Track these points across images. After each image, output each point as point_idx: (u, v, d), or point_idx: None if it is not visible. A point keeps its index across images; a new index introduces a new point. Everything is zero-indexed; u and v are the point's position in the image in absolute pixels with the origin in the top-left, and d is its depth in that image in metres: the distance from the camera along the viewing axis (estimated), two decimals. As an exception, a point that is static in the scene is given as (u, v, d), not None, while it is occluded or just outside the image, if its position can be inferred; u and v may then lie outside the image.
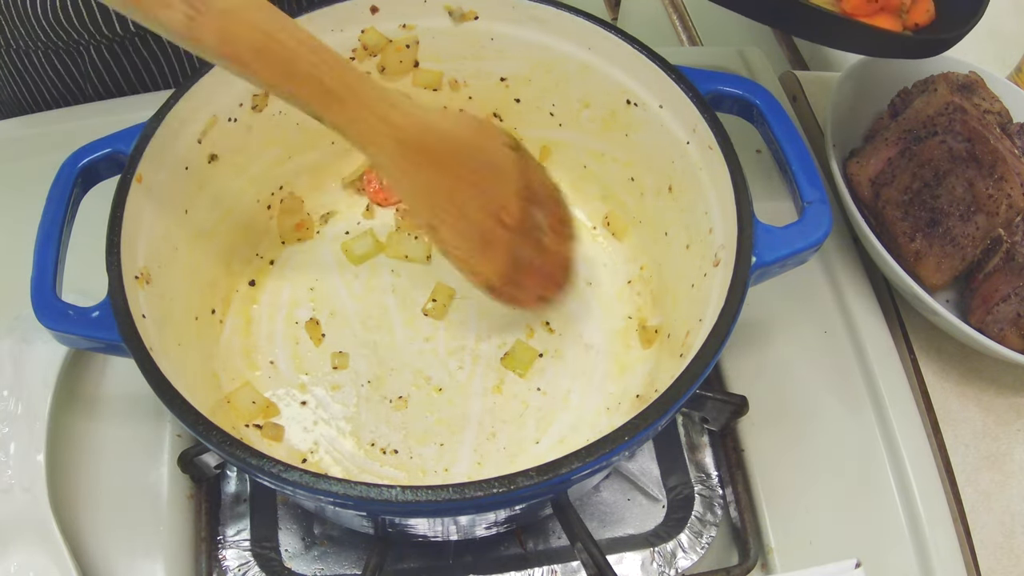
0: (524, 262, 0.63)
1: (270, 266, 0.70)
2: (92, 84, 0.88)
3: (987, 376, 0.74)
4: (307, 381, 0.65)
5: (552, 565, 0.62)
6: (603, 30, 0.64)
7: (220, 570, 0.62)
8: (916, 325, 0.75)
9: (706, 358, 0.50)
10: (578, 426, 0.64)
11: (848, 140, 0.80)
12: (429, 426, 0.63)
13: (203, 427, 0.48)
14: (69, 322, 0.53)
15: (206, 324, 0.64)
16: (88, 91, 0.89)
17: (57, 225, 0.55)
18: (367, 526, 0.62)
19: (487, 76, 0.70)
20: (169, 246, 0.60)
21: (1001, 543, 0.67)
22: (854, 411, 0.68)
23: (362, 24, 0.66)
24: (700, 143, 0.61)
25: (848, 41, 0.62)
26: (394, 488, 0.46)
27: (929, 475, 0.66)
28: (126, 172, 0.57)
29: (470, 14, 0.67)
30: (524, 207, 0.61)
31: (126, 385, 0.67)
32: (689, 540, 0.64)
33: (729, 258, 0.55)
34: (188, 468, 0.62)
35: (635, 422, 0.48)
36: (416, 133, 0.52)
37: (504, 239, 0.61)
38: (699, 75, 0.62)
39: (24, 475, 0.59)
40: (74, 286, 0.57)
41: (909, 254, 0.72)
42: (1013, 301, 0.69)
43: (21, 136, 0.82)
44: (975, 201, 0.70)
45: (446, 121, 0.56)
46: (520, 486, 0.46)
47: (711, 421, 0.68)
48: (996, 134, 0.72)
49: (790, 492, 0.65)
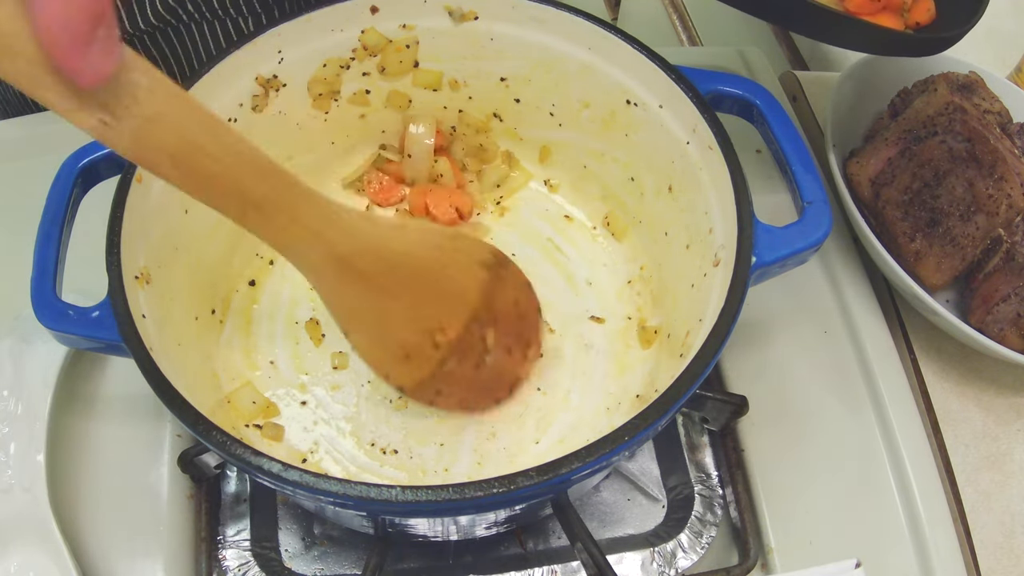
0: (453, 376, 0.60)
1: (270, 266, 0.71)
2: None
3: (987, 376, 0.74)
4: (307, 381, 0.65)
5: (552, 565, 0.62)
6: (603, 30, 0.64)
7: (220, 570, 0.62)
8: (916, 325, 0.75)
9: (706, 358, 0.50)
10: (578, 426, 0.64)
11: (848, 140, 0.80)
12: (429, 426, 0.63)
13: (203, 427, 0.48)
14: (69, 322, 0.53)
15: (206, 324, 0.64)
16: None
17: (57, 225, 0.55)
18: (367, 526, 0.62)
19: (487, 76, 0.70)
20: (169, 246, 0.60)
21: (1001, 543, 0.67)
22: (854, 411, 0.68)
23: (362, 24, 0.66)
24: (700, 143, 0.61)
25: (851, 39, 0.62)
26: (394, 488, 0.46)
27: (929, 475, 0.66)
28: (126, 172, 0.57)
29: (470, 14, 0.67)
30: (471, 328, 0.58)
31: (126, 385, 0.67)
32: (689, 540, 0.64)
33: (729, 258, 0.55)
34: (188, 468, 0.62)
35: (635, 422, 0.48)
36: (350, 253, 0.49)
37: (431, 356, 0.58)
38: (699, 75, 0.62)
39: (24, 475, 0.59)
40: (74, 286, 0.57)
41: (909, 254, 0.72)
42: (1013, 301, 0.69)
43: (21, 136, 0.82)
44: (975, 201, 0.70)
45: (400, 241, 0.53)
46: (520, 486, 0.46)
47: (711, 421, 0.68)
48: (996, 134, 0.72)
49: (790, 492, 0.65)
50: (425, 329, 0.57)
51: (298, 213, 0.46)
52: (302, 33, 0.65)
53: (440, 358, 0.58)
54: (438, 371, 0.59)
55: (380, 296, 0.54)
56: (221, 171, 0.42)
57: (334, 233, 0.48)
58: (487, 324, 0.60)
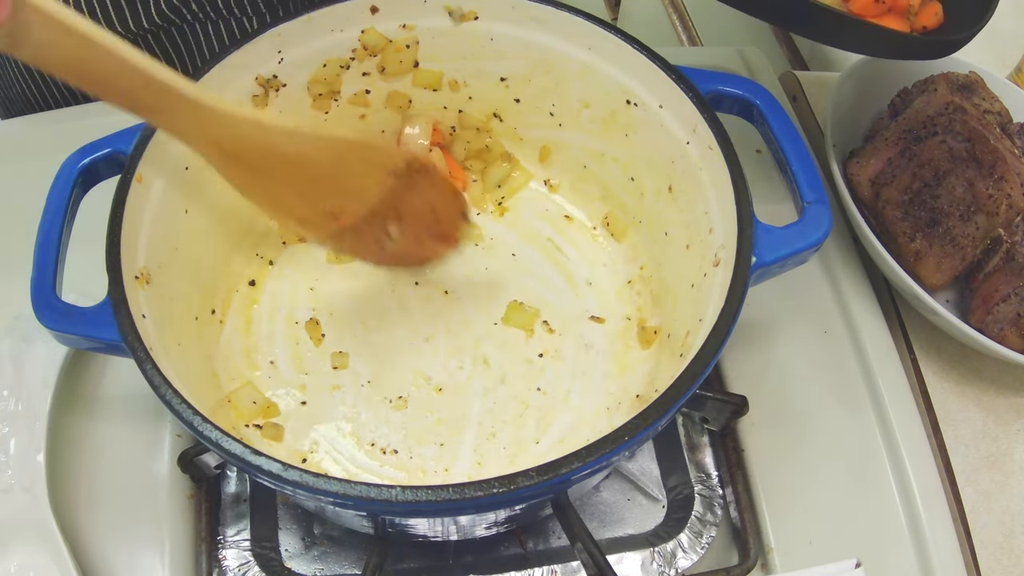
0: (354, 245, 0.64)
1: (270, 266, 0.71)
2: None
3: (987, 376, 0.74)
4: (307, 381, 0.65)
5: (552, 565, 0.62)
6: (603, 30, 0.64)
7: (220, 570, 0.62)
8: (916, 325, 0.75)
9: (706, 358, 0.50)
10: (578, 426, 0.64)
11: (848, 140, 0.80)
12: (429, 426, 0.63)
13: (203, 427, 0.48)
14: (69, 322, 0.53)
15: (206, 324, 0.64)
16: None
17: (57, 225, 0.55)
18: (367, 526, 0.62)
19: (487, 76, 0.70)
20: (169, 246, 0.60)
21: (1001, 543, 0.67)
22: (854, 411, 0.68)
23: (362, 24, 0.66)
24: (700, 143, 0.61)
25: (855, 42, 0.62)
26: (394, 488, 0.46)
27: (929, 475, 0.66)
28: (126, 172, 0.57)
29: (470, 14, 0.67)
30: (370, 220, 0.62)
31: (126, 385, 0.67)
32: (689, 540, 0.64)
33: (729, 258, 0.55)
34: (188, 468, 0.62)
35: (635, 422, 0.48)
36: (236, 150, 0.55)
37: (327, 227, 0.62)
38: (699, 75, 0.62)
39: (24, 475, 0.59)
40: (74, 286, 0.57)
41: (909, 254, 0.72)
42: (1013, 301, 0.69)
43: (22, 136, 0.82)
44: (975, 201, 0.70)
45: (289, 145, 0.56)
46: (520, 486, 0.46)
47: (711, 421, 0.68)
48: (996, 134, 0.72)
49: (790, 492, 0.65)
50: (319, 210, 0.61)
51: (184, 116, 0.52)
52: (302, 33, 0.65)
53: (336, 232, 0.62)
54: (337, 238, 0.63)
55: (269, 182, 0.58)
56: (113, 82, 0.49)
57: (219, 133, 0.54)
58: (390, 220, 0.63)
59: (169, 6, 0.81)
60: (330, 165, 0.59)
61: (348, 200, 0.61)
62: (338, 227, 0.62)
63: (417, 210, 0.64)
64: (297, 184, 0.59)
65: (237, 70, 0.63)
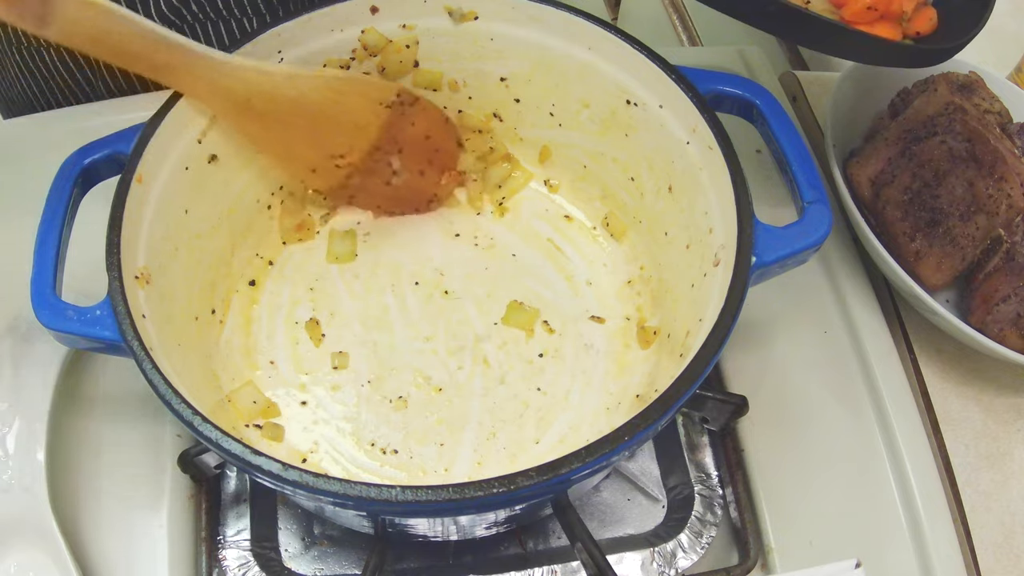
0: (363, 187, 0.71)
1: (270, 266, 0.71)
2: (104, 81, 0.88)
3: (987, 376, 0.74)
4: (307, 381, 0.65)
5: (552, 565, 0.62)
6: (603, 30, 0.64)
7: (220, 570, 0.62)
8: (916, 325, 0.75)
9: (706, 358, 0.50)
10: (578, 426, 0.64)
11: (848, 140, 0.80)
12: (429, 426, 0.63)
13: (203, 427, 0.48)
14: (69, 322, 0.52)
15: (206, 324, 0.64)
16: (100, 88, 0.89)
17: (57, 225, 0.55)
18: (367, 526, 0.62)
19: (487, 76, 0.70)
20: (169, 246, 0.60)
21: (1001, 543, 0.67)
22: (854, 411, 0.68)
23: (362, 24, 0.66)
24: (700, 143, 0.61)
25: (847, 49, 0.62)
26: (394, 488, 0.46)
27: (929, 475, 0.66)
28: (126, 172, 0.57)
29: (470, 14, 0.67)
30: (375, 155, 0.69)
31: (126, 385, 0.67)
32: (689, 540, 0.64)
33: (729, 258, 0.55)
34: (188, 468, 0.62)
35: (635, 422, 0.48)
36: (245, 97, 0.61)
37: (336, 172, 0.69)
38: (699, 75, 0.62)
39: (24, 475, 0.59)
40: (74, 286, 0.57)
41: (909, 254, 0.72)
42: (1013, 301, 0.69)
43: (22, 136, 0.82)
44: (975, 201, 0.70)
45: (291, 87, 0.63)
46: (520, 486, 0.46)
47: (711, 421, 0.68)
48: (996, 134, 0.72)
49: (790, 492, 0.65)
50: (327, 153, 0.68)
51: (196, 72, 0.59)
52: (302, 33, 0.65)
53: (345, 174, 0.70)
54: (346, 182, 0.70)
55: (278, 127, 0.65)
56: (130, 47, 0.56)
57: (230, 83, 0.60)
58: (391, 152, 0.70)
59: (169, 7, 0.81)
60: (330, 103, 0.65)
61: (351, 137, 0.68)
62: (348, 169, 0.69)
63: (414, 139, 0.70)
64: (303, 128, 0.65)
65: (237, 70, 0.63)
